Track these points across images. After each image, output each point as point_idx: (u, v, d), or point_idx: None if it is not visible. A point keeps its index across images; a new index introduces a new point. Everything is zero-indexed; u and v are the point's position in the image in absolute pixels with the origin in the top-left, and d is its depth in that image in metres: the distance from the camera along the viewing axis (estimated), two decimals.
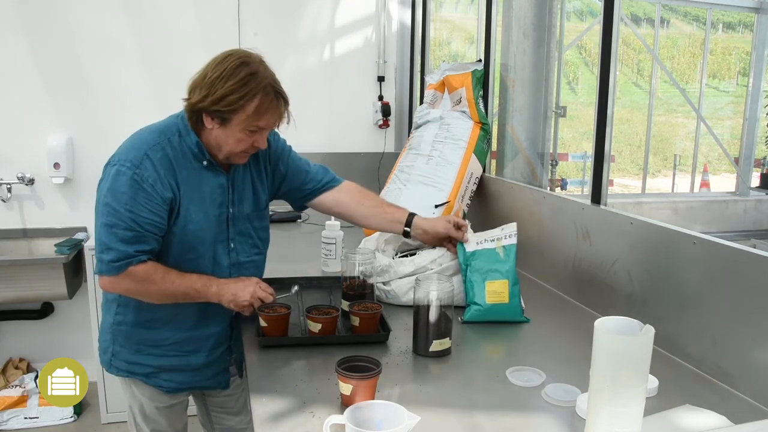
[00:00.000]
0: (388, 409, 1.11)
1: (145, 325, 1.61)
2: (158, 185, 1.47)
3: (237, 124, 1.47)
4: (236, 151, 1.53)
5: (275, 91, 1.49)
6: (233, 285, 1.55)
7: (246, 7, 3.39)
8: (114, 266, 1.46)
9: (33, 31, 3.15)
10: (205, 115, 1.48)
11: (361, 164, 3.59)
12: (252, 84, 1.44)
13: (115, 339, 1.65)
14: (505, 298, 1.71)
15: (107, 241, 1.46)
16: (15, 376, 3.17)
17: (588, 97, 12.36)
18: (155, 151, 1.49)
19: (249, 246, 1.68)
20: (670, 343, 1.51)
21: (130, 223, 1.44)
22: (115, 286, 1.51)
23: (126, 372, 1.67)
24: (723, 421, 1.15)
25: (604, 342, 0.99)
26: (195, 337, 1.65)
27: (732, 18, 12.65)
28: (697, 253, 1.46)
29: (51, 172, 3.20)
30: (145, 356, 1.64)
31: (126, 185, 1.44)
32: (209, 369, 1.71)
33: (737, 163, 5.43)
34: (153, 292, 1.51)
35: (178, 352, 1.64)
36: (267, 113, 1.48)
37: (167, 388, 1.68)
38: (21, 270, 2.97)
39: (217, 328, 1.67)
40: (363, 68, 3.65)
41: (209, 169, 1.56)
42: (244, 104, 1.44)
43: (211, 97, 1.43)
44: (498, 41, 2.71)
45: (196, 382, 1.72)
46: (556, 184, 5.55)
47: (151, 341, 1.63)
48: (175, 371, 1.67)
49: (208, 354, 1.68)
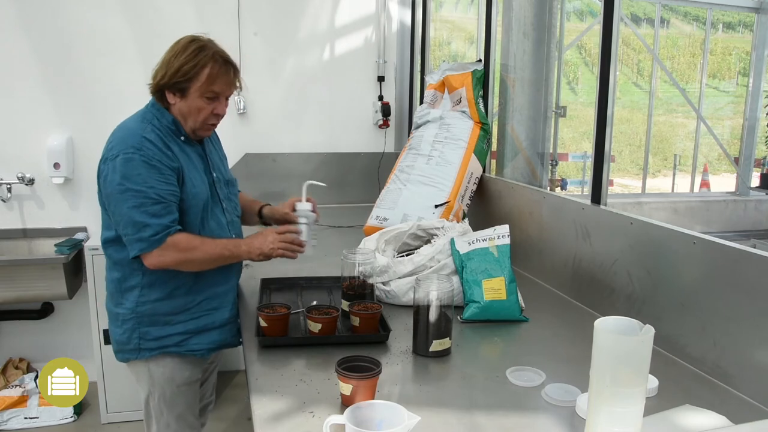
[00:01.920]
0: (388, 409, 1.11)
1: (171, 294, 1.71)
2: (164, 159, 1.63)
3: (194, 92, 1.66)
4: (199, 120, 1.70)
5: (224, 60, 1.68)
6: (255, 241, 1.71)
7: (246, 7, 3.39)
8: (155, 240, 1.59)
9: (33, 31, 3.15)
10: (167, 92, 1.68)
11: (361, 164, 3.59)
12: (201, 55, 1.65)
13: (141, 321, 1.72)
14: (502, 294, 1.72)
15: (141, 220, 1.58)
16: (15, 376, 3.17)
17: (588, 97, 12.37)
18: (148, 133, 1.65)
19: (233, 207, 1.88)
20: (670, 343, 1.51)
21: (155, 197, 1.59)
22: (163, 259, 1.61)
23: (157, 349, 1.74)
24: (723, 421, 1.15)
25: (604, 342, 0.99)
26: (218, 293, 1.78)
27: (732, 18, 12.66)
28: (697, 253, 1.46)
29: (51, 172, 3.20)
30: (175, 326, 1.74)
31: (139, 167, 1.59)
32: (233, 323, 1.84)
33: (737, 163, 5.43)
34: (197, 258, 1.64)
35: (205, 311, 1.77)
36: (218, 79, 1.67)
37: (199, 351, 1.78)
38: (21, 270, 2.97)
39: (233, 280, 1.84)
40: (363, 68, 3.65)
41: (186, 143, 1.74)
42: (197, 71, 1.64)
43: (168, 72, 1.64)
44: (498, 41, 2.71)
45: (223, 339, 1.83)
46: (556, 184, 5.55)
47: (179, 308, 1.73)
48: (205, 332, 1.78)
49: (231, 307, 1.82)
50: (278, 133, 3.54)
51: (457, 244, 1.82)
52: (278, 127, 3.54)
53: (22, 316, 3.30)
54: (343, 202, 3.52)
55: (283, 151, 3.52)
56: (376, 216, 2.56)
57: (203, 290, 1.76)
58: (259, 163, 3.44)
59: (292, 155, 3.54)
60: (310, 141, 3.60)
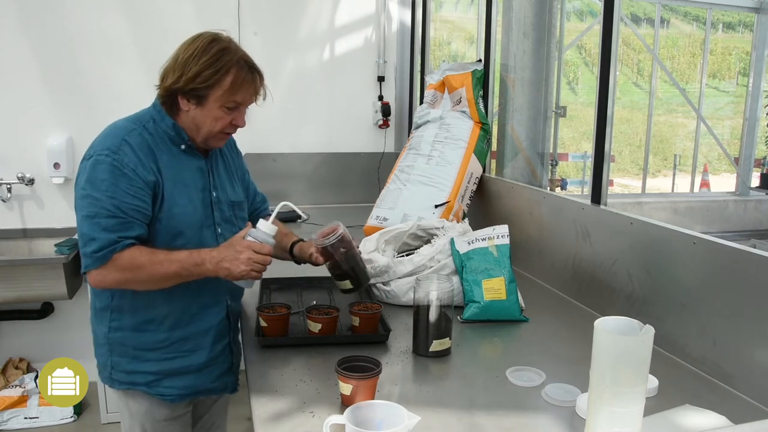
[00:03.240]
0: (388, 409, 1.11)
1: (141, 328, 1.53)
2: (139, 169, 1.42)
3: (214, 101, 1.46)
4: (215, 131, 1.51)
5: (249, 65, 1.48)
6: (225, 256, 1.41)
7: (246, 7, 3.39)
8: (98, 256, 1.38)
9: (33, 31, 3.15)
10: (180, 97, 1.47)
11: (361, 164, 3.59)
12: (225, 58, 1.44)
13: (113, 349, 1.57)
14: (502, 294, 1.72)
15: (89, 233, 1.39)
16: (15, 376, 3.17)
17: (588, 97, 12.37)
18: (133, 137, 1.45)
19: (233, 232, 1.58)
20: (670, 343, 1.51)
21: (113, 210, 1.39)
22: (103, 279, 1.42)
23: (127, 384, 1.57)
24: (723, 421, 1.15)
25: (604, 342, 0.99)
26: (193, 334, 1.57)
27: (732, 18, 12.66)
28: (697, 253, 1.46)
29: (51, 172, 3.20)
30: (145, 363, 1.55)
31: (106, 172, 1.40)
32: (213, 369, 1.63)
33: (737, 163, 5.43)
34: (143, 277, 1.41)
35: (178, 352, 1.56)
36: (243, 87, 1.47)
37: (170, 396, 1.58)
38: (21, 270, 2.97)
39: (214, 319, 1.61)
40: (363, 68, 3.65)
41: (188, 153, 1.54)
42: (219, 78, 1.43)
43: (185, 77, 1.42)
44: (498, 41, 2.71)
45: (200, 385, 1.62)
46: (556, 184, 5.55)
47: (149, 344, 1.54)
48: (177, 375, 1.58)
49: (210, 350, 1.60)
50: (278, 133, 3.54)
51: (457, 244, 1.82)
52: (278, 127, 3.54)
53: (22, 316, 3.30)
54: (343, 202, 3.52)
55: (283, 151, 3.52)
56: (376, 216, 2.56)
57: (176, 329, 1.55)
58: (258, 163, 3.43)
59: (292, 155, 3.54)
60: (310, 141, 3.61)
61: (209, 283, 1.52)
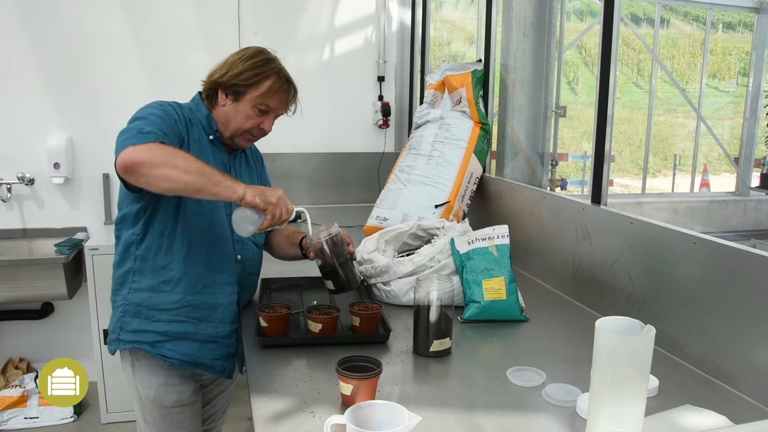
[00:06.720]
0: (389, 409, 1.11)
1: (157, 288, 1.62)
2: (180, 122, 1.58)
3: (249, 100, 1.64)
4: (243, 129, 1.67)
5: (287, 78, 1.68)
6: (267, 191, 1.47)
7: (246, 7, 3.39)
8: (143, 136, 1.41)
9: (33, 31, 3.15)
10: (221, 92, 1.65)
11: (361, 164, 3.59)
12: (268, 66, 1.65)
13: (127, 310, 1.64)
14: (503, 294, 1.72)
15: (134, 127, 1.45)
16: (15, 376, 3.17)
17: (588, 97, 12.36)
18: (175, 106, 1.62)
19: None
20: (670, 343, 1.51)
21: (159, 124, 1.49)
22: (135, 154, 1.37)
23: (132, 343, 1.64)
24: (723, 421, 1.15)
25: (605, 342, 0.99)
26: (204, 303, 1.65)
27: (732, 18, 12.64)
28: (697, 253, 1.46)
29: (51, 172, 3.21)
30: (154, 323, 1.63)
31: (156, 108, 1.55)
32: (217, 347, 1.70)
33: (737, 163, 5.44)
34: (180, 164, 1.38)
35: (187, 317, 1.64)
36: (277, 95, 1.66)
37: (171, 359, 1.65)
38: (21, 270, 2.97)
39: (225, 299, 1.69)
40: (363, 68, 3.65)
41: (214, 144, 1.69)
42: (259, 81, 1.63)
43: (230, 73, 1.62)
44: (498, 41, 2.71)
45: (201, 357, 1.68)
46: (556, 184, 5.55)
47: (162, 305, 1.63)
48: (182, 340, 1.65)
49: (217, 326, 1.68)
50: (278, 133, 3.49)
51: (457, 244, 1.82)
52: (278, 126, 3.50)
53: (22, 316, 3.30)
54: (343, 202, 3.53)
55: (283, 151, 3.52)
56: (376, 216, 2.56)
57: (189, 292, 1.63)
58: None
59: (292, 155, 3.54)
60: (310, 141, 3.61)
61: (224, 260, 1.67)
